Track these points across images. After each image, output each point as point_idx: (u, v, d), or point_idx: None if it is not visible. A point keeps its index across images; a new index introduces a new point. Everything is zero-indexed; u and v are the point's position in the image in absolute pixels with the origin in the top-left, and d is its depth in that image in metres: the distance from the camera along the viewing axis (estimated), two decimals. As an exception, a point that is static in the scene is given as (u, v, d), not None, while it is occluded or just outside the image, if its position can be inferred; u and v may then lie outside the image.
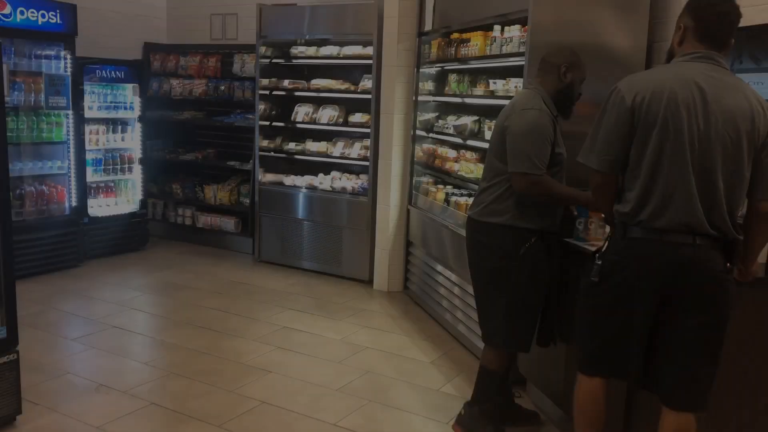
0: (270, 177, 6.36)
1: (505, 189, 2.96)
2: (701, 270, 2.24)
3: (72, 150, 5.95)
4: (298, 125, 6.22)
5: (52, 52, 5.74)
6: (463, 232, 3.47)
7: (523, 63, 3.61)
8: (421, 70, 5.31)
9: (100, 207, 6.36)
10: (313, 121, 6.12)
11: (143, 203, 6.75)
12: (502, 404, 3.24)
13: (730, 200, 2.25)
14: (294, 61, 6.19)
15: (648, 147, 2.27)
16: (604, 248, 2.45)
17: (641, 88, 2.28)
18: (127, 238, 6.55)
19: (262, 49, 6.25)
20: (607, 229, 2.92)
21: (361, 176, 5.93)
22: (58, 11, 5.70)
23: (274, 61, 6.32)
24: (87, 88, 6.11)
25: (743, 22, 2.38)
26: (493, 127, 3.12)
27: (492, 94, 4.18)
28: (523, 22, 3.70)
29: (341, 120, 5.97)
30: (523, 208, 2.94)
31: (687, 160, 2.22)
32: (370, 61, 5.59)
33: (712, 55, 2.30)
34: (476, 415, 3.14)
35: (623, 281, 2.34)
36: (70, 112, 5.87)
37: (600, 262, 2.43)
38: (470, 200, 4.38)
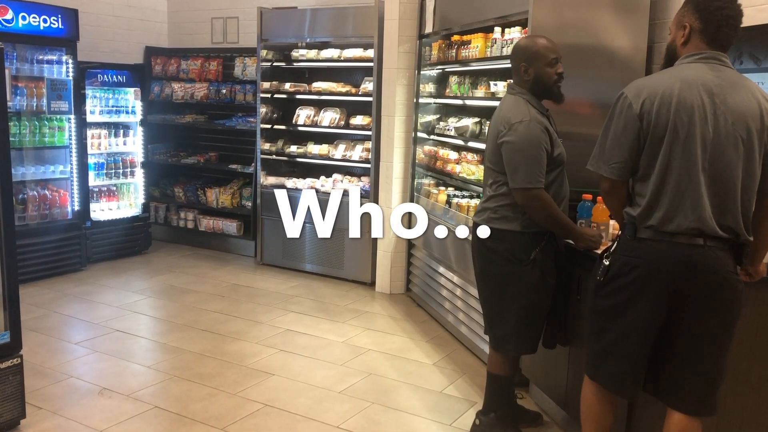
0: (272, 180, 6.37)
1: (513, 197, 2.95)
2: (711, 271, 2.24)
3: (74, 154, 5.97)
4: (300, 128, 6.23)
5: (54, 57, 5.76)
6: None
7: (523, 64, 3.60)
8: (421, 72, 5.32)
9: (102, 211, 6.37)
10: (315, 124, 6.13)
11: (145, 207, 6.77)
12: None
13: (745, 201, 2.25)
14: (295, 64, 6.20)
15: (658, 153, 2.26)
16: (612, 248, 2.45)
17: (649, 94, 2.27)
18: (129, 242, 6.57)
19: (263, 53, 6.27)
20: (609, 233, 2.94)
21: (363, 178, 5.94)
22: (59, 16, 5.72)
23: (275, 64, 6.33)
24: (89, 92, 6.13)
25: (745, 23, 2.38)
26: (489, 132, 3.09)
27: (493, 96, 4.18)
28: (523, 23, 3.71)
29: (342, 122, 5.98)
30: None
31: (697, 166, 2.22)
32: (371, 64, 5.60)
33: (717, 55, 2.29)
34: (494, 422, 3.14)
35: (633, 281, 2.33)
36: (72, 116, 5.89)
37: (607, 263, 2.42)
38: (472, 202, 4.39)
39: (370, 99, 5.67)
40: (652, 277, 2.29)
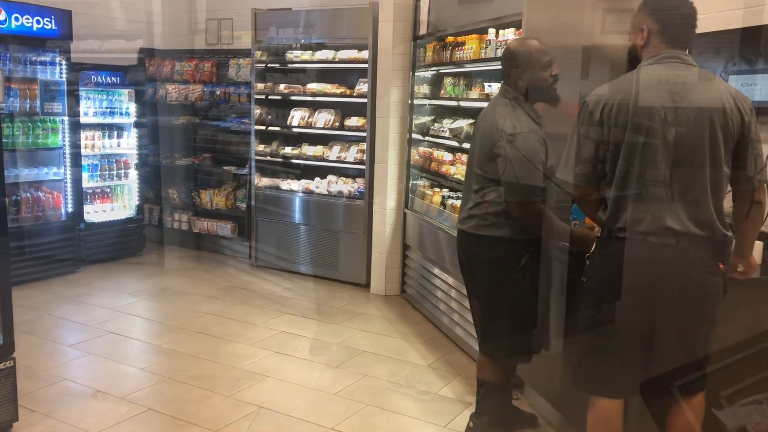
0: (266, 181, 6.36)
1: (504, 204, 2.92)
2: (682, 270, 2.25)
3: (68, 156, 5.95)
4: (294, 129, 6.23)
5: (48, 58, 5.75)
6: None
7: (518, 66, 3.61)
8: (416, 73, 5.32)
9: (96, 213, 6.35)
10: (309, 125, 6.13)
11: (139, 208, 6.75)
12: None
13: (715, 196, 2.26)
14: (289, 65, 6.20)
15: (619, 156, 2.29)
16: (593, 249, 2.50)
17: (608, 99, 2.30)
18: (123, 244, 6.55)
19: (258, 54, 6.27)
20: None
21: (358, 180, 5.93)
22: (53, 17, 5.70)
23: (269, 65, 6.33)
24: (82, 93, 6.11)
25: (738, 24, 2.39)
26: (478, 138, 3.01)
27: (487, 97, 4.18)
28: (517, 25, 3.71)
29: (337, 124, 5.98)
30: None
31: (659, 167, 2.23)
32: (366, 65, 5.60)
33: (678, 54, 2.31)
34: (487, 425, 3.13)
35: (605, 280, 2.36)
36: (66, 117, 5.87)
37: (588, 263, 2.49)
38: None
39: (364, 100, 5.67)
40: (623, 274, 2.31)
